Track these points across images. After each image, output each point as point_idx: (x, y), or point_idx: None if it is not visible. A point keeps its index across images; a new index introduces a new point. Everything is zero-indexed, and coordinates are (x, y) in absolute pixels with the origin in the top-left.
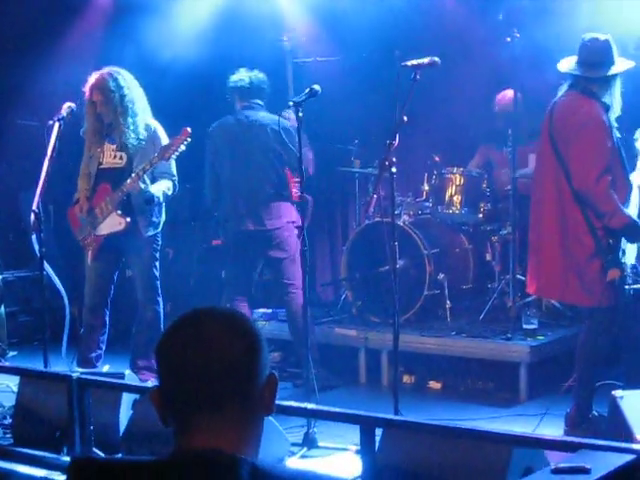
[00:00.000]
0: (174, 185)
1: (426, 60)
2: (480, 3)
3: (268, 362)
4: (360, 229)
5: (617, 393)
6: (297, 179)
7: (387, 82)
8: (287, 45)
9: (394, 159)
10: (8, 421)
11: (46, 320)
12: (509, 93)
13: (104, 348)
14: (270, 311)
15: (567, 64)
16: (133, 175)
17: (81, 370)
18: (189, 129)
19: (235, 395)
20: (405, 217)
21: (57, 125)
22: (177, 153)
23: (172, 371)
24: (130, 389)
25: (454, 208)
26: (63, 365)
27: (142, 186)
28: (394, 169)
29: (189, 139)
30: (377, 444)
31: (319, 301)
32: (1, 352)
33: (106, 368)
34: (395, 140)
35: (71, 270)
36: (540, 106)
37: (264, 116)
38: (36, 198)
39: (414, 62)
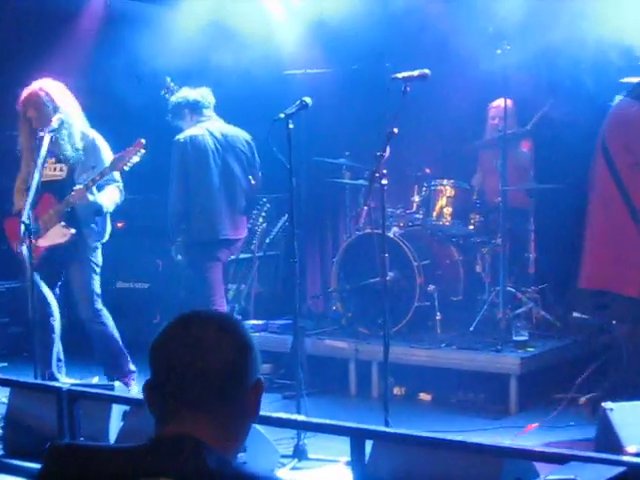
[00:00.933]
0: (120, 192)
1: (416, 73)
2: (471, 16)
3: (258, 367)
4: (350, 241)
5: (607, 405)
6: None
7: (378, 94)
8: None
9: (384, 171)
10: None
11: (36, 331)
12: (501, 103)
13: (63, 358)
14: (262, 322)
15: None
16: (80, 187)
17: (71, 382)
18: (143, 140)
19: (220, 395)
20: (395, 229)
21: (48, 137)
22: (130, 164)
23: (162, 368)
24: (120, 400)
25: (444, 220)
26: (53, 376)
27: (91, 198)
28: (384, 181)
29: (143, 150)
30: (367, 456)
31: (309, 313)
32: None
33: (95, 380)
34: (385, 152)
35: (62, 281)
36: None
37: (232, 128)
38: (26, 209)
39: (404, 74)
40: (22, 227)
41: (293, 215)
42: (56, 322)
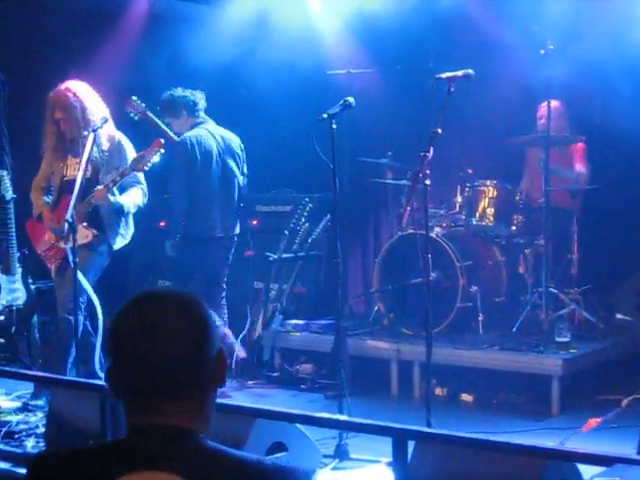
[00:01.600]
0: (144, 193)
1: (460, 73)
2: (514, 15)
3: (217, 339)
4: (393, 241)
5: None
6: None
7: (421, 94)
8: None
9: (428, 171)
10: (41, 430)
11: (77, 330)
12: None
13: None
14: (303, 322)
15: None
16: (101, 187)
17: None
18: (162, 140)
19: (186, 378)
20: (438, 229)
21: (92, 136)
22: (150, 164)
23: (123, 354)
24: None
25: (487, 220)
26: (96, 374)
27: (112, 198)
28: (428, 181)
29: (162, 150)
30: (409, 457)
31: (351, 313)
32: (33, 361)
33: None
34: (429, 152)
35: (104, 280)
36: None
37: (227, 131)
38: (70, 208)
39: (449, 75)
40: (66, 226)
41: (336, 215)
42: (99, 321)
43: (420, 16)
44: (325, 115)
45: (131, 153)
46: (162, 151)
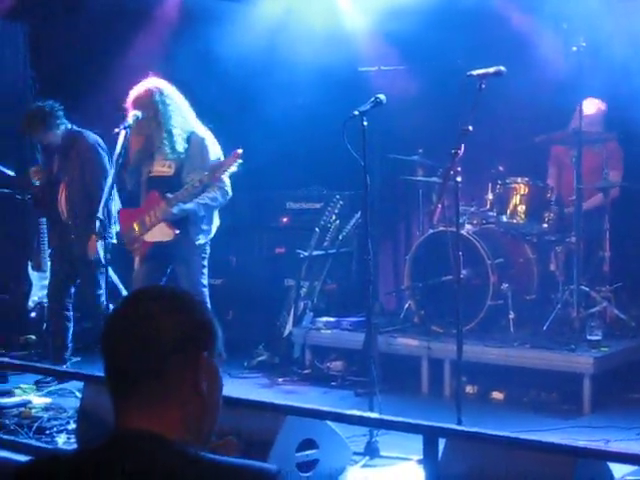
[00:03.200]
0: (223, 193)
1: (492, 70)
2: (545, 12)
3: (203, 343)
4: (423, 238)
5: None
6: None
7: (451, 91)
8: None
9: (459, 168)
10: (72, 426)
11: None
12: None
13: None
14: (334, 319)
15: None
16: (184, 190)
17: None
18: (240, 151)
19: (158, 373)
20: (469, 227)
21: (123, 133)
22: (227, 173)
23: (107, 347)
24: None
25: (518, 218)
26: None
27: (174, 210)
28: (459, 178)
29: (240, 160)
30: (440, 454)
31: (382, 310)
32: (66, 358)
33: None
34: (460, 149)
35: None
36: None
37: None
38: (101, 205)
39: (480, 72)
40: (97, 223)
41: (367, 212)
42: None
43: (450, 13)
44: (356, 112)
45: (213, 152)
46: (240, 161)
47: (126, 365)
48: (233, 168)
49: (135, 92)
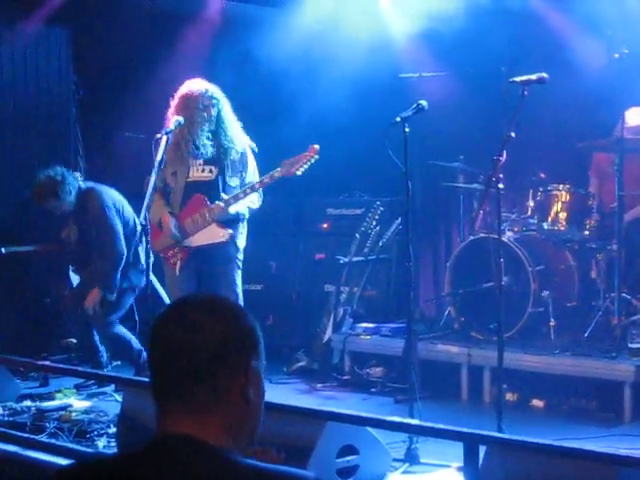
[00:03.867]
0: (259, 198)
1: (534, 76)
2: (588, 18)
3: (249, 349)
4: (464, 245)
5: None
6: None
7: (493, 97)
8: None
9: (501, 175)
10: (112, 430)
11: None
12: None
13: None
14: (373, 326)
15: None
16: (220, 204)
17: None
18: (317, 146)
19: (208, 380)
20: (510, 233)
21: (164, 138)
22: (303, 170)
23: (153, 354)
24: None
25: (559, 225)
26: None
27: (231, 210)
28: (501, 185)
29: (317, 156)
30: (480, 462)
31: (422, 317)
32: (105, 362)
33: None
34: (502, 156)
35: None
36: None
37: None
38: (143, 210)
39: (522, 78)
40: (139, 229)
41: (408, 218)
42: None
43: (492, 19)
44: (398, 118)
45: (252, 163)
46: (316, 157)
47: (174, 372)
48: (306, 165)
49: (182, 94)
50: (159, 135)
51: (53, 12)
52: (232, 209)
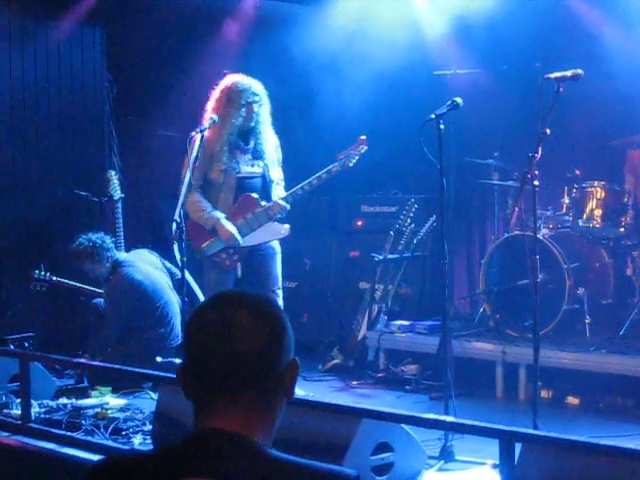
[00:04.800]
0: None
1: (569, 73)
2: (623, 14)
3: (291, 347)
4: (499, 242)
5: None
6: None
7: (528, 94)
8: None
9: (536, 172)
10: (148, 427)
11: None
12: None
13: None
14: (408, 323)
15: None
16: (281, 202)
17: None
18: (364, 137)
19: (254, 380)
20: (545, 230)
21: (199, 136)
22: (354, 162)
23: (194, 352)
24: None
25: (594, 222)
26: None
27: (288, 207)
28: (536, 182)
29: (365, 147)
30: (516, 459)
31: (457, 314)
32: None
33: None
34: (538, 153)
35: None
36: None
37: None
38: (178, 208)
39: (557, 75)
40: (174, 225)
41: (443, 216)
42: None
43: (526, 15)
44: (433, 115)
45: (280, 158)
46: (365, 148)
47: (221, 374)
48: (357, 157)
49: (225, 88)
50: (193, 133)
51: (87, 11)
52: (288, 206)
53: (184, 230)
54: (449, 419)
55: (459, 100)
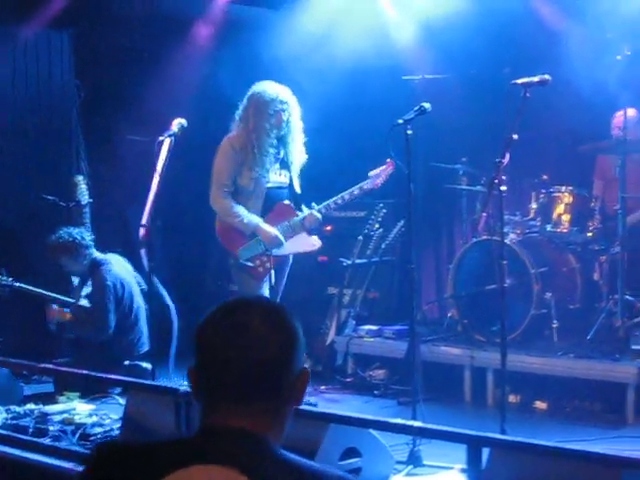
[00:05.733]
0: None
1: (536, 78)
2: (590, 21)
3: (303, 356)
4: (467, 247)
5: None
6: None
7: (495, 100)
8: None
9: (504, 177)
10: (116, 433)
11: (154, 334)
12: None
13: None
14: (376, 328)
15: None
16: (317, 214)
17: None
18: (390, 160)
19: (266, 387)
20: (513, 236)
21: (167, 141)
22: (382, 183)
23: (208, 356)
24: None
25: (562, 227)
26: (171, 378)
27: (321, 217)
28: (504, 187)
29: (392, 169)
30: (483, 464)
31: (424, 319)
32: None
33: None
34: (505, 159)
35: (179, 284)
36: None
37: None
38: (146, 213)
39: (524, 80)
40: (141, 230)
41: (410, 221)
42: (174, 327)
43: (495, 21)
44: (400, 121)
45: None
46: (392, 170)
47: (233, 378)
48: (387, 177)
49: (253, 97)
50: (162, 138)
51: (54, 15)
52: (321, 217)
53: (152, 235)
54: (417, 424)
55: (427, 105)
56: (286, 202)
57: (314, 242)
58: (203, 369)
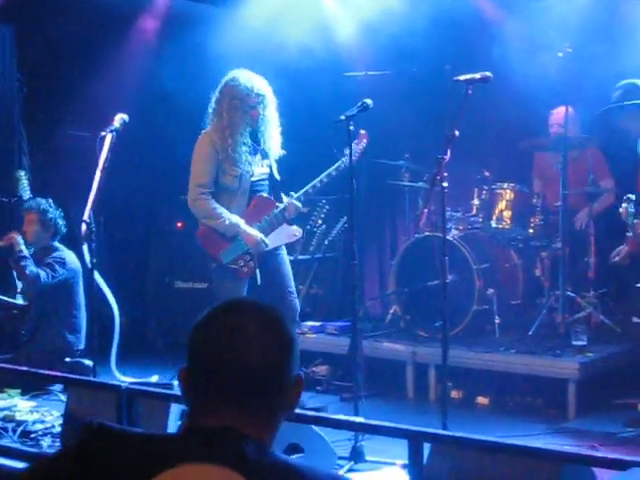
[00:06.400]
0: None
1: (478, 75)
2: (531, 18)
3: (297, 363)
4: (409, 243)
5: None
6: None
7: (438, 96)
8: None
9: (445, 174)
10: (57, 430)
11: (95, 330)
12: (561, 109)
13: None
14: (319, 324)
15: None
16: (297, 203)
17: (129, 380)
18: (363, 131)
19: (260, 393)
20: (455, 232)
21: (109, 136)
22: (358, 156)
23: (202, 357)
24: (179, 399)
25: (504, 223)
26: (112, 375)
27: (301, 207)
28: (445, 184)
29: (366, 141)
30: (425, 459)
31: (367, 315)
32: None
33: (155, 378)
34: (446, 155)
35: (121, 281)
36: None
37: None
38: (87, 209)
39: (466, 77)
40: (83, 226)
41: (353, 217)
42: (115, 322)
43: (437, 18)
44: (343, 117)
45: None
46: (366, 142)
47: (226, 382)
48: (362, 151)
49: (227, 91)
50: (104, 133)
51: None
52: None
53: (93, 231)
54: (358, 420)
55: (369, 101)
56: (264, 195)
57: (295, 232)
58: (196, 371)
